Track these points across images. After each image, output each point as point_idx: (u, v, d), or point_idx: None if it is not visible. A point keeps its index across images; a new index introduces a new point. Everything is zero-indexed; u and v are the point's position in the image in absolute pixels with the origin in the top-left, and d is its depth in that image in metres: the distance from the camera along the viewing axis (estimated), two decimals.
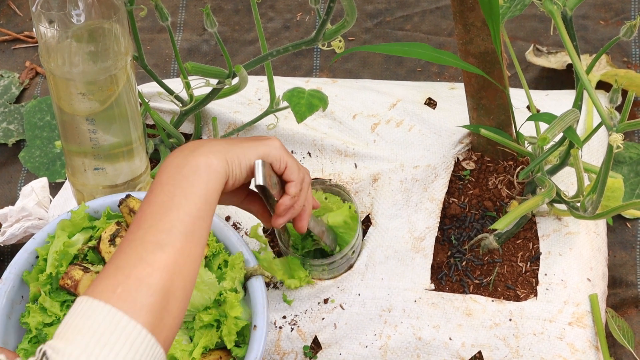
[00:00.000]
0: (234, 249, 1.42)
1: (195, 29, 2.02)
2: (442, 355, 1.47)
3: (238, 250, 1.42)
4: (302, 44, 1.41)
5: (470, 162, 1.62)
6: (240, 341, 1.40)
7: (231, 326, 1.36)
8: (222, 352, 1.40)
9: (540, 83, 1.85)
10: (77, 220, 1.42)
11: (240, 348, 1.39)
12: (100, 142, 1.43)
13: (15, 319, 1.42)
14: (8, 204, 1.81)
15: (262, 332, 1.36)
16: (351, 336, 1.50)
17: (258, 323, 1.37)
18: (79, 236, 1.42)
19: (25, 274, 1.41)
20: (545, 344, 1.45)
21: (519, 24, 1.93)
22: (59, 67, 1.34)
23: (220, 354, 1.39)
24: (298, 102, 1.42)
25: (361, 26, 1.97)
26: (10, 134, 1.92)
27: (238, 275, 1.38)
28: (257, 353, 1.35)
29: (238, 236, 1.43)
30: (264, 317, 1.37)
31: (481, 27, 1.39)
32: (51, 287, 1.40)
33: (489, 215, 1.58)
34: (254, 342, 1.36)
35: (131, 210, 1.42)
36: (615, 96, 1.25)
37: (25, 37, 2.06)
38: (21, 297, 1.42)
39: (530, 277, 1.51)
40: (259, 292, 1.39)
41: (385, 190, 1.59)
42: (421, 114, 1.65)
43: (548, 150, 1.44)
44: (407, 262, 1.53)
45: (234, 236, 1.43)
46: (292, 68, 1.94)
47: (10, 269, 1.42)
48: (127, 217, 1.42)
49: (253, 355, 1.35)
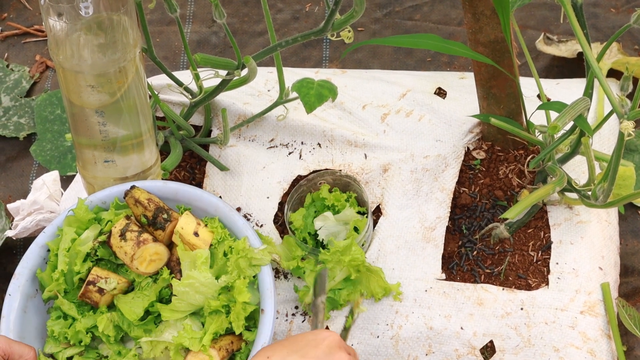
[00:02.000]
0: (240, 234, 1.43)
1: (204, 21, 2.02)
2: (454, 345, 1.47)
3: (244, 235, 1.42)
4: (311, 34, 1.41)
5: (480, 151, 1.61)
6: (251, 325, 1.40)
7: (239, 311, 1.36)
8: (233, 337, 1.40)
9: (550, 72, 1.85)
10: (82, 215, 1.43)
11: (251, 332, 1.39)
12: (110, 134, 1.43)
13: (31, 312, 1.43)
14: (20, 197, 1.82)
15: (270, 315, 1.37)
16: (363, 326, 1.50)
17: (266, 307, 1.37)
18: (88, 233, 1.42)
19: (39, 272, 1.42)
20: (557, 332, 1.45)
21: (529, 13, 1.92)
22: (68, 60, 1.34)
23: (232, 338, 1.40)
24: (307, 93, 1.42)
25: (370, 16, 1.97)
26: (21, 127, 1.92)
27: (244, 261, 1.39)
28: (266, 337, 1.35)
29: (244, 221, 1.43)
30: (272, 301, 1.38)
31: (491, 16, 1.39)
32: (66, 284, 1.41)
33: (499, 204, 1.57)
34: (263, 325, 1.36)
35: (137, 201, 1.42)
36: (627, 84, 1.24)
37: (35, 31, 2.07)
38: (35, 291, 1.43)
39: (542, 266, 1.51)
40: (267, 277, 1.39)
41: (395, 180, 1.59)
42: (431, 103, 1.65)
43: (559, 139, 1.43)
44: (418, 252, 1.53)
45: (240, 221, 1.43)
46: (301, 59, 1.93)
47: (23, 264, 1.43)
48: (134, 208, 1.43)
49: (262, 339, 1.35)
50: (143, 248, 1.38)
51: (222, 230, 1.42)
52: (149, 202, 1.42)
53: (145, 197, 1.43)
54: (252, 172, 1.64)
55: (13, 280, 1.42)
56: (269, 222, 1.59)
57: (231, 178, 1.64)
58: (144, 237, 1.39)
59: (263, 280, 1.39)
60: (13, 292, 1.41)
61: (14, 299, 1.41)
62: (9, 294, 1.41)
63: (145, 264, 1.40)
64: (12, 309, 1.40)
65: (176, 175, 1.68)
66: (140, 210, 1.42)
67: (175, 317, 1.39)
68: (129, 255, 1.39)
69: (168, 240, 1.43)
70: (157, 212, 1.42)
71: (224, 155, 1.66)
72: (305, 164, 1.63)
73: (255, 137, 1.67)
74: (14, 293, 1.41)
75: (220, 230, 1.42)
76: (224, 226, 1.44)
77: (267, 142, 1.66)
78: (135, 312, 1.39)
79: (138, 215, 1.42)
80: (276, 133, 1.66)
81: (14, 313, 1.40)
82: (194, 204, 1.46)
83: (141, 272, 1.40)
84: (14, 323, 1.40)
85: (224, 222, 1.44)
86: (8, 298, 1.40)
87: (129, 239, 1.39)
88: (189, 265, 1.39)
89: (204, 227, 1.42)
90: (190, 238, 1.40)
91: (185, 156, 1.69)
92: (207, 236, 1.41)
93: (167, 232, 1.41)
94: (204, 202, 1.45)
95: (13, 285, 1.41)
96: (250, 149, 1.66)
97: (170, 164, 1.59)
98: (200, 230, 1.41)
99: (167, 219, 1.41)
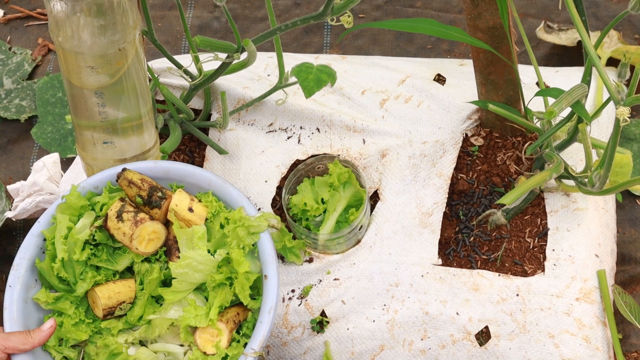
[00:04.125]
0: (235, 204, 1.44)
1: (206, 6, 2.02)
2: (449, 330, 1.48)
3: (240, 205, 1.43)
4: (311, 18, 1.41)
5: (478, 138, 1.61)
6: (255, 293, 1.41)
7: (243, 281, 1.37)
8: (238, 308, 1.41)
9: (550, 60, 1.85)
10: (74, 201, 1.43)
11: (255, 300, 1.40)
12: (109, 116, 1.43)
13: (32, 303, 1.43)
14: (21, 179, 1.83)
15: (274, 280, 1.37)
16: (359, 310, 1.51)
17: (269, 272, 1.38)
18: (84, 221, 1.42)
19: (38, 262, 1.43)
20: (553, 319, 1.46)
21: (529, 1, 1.92)
22: (68, 41, 1.35)
23: (237, 310, 1.41)
24: (306, 77, 1.42)
25: (372, 3, 1.97)
26: (22, 110, 1.93)
27: (242, 229, 1.40)
28: (272, 302, 1.36)
29: (238, 191, 1.44)
30: (274, 267, 1.38)
31: (489, 2, 1.39)
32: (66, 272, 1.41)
33: (497, 191, 1.58)
34: (268, 292, 1.37)
35: (130, 182, 1.43)
36: (624, 71, 1.25)
37: (38, 15, 2.07)
38: (35, 281, 1.44)
39: (538, 253, 1.52)
40: (266, 243, 1.40)
41: (393, 165, 1.59)
42: (430, 90, 1.65)
43: (556, 125, 1.44)
44: (415, 237, 1.54)
45: (234, 191, 1.44)
46: (302, 45, 1.94)
47: (21, 255, 1.43)
48: (127, 190, 1.43)
49: (268, 305, 1.36)
50: (141, 227, 1.39)
51: (216, 204, 1.43)
52: (142, 182, 1.43)
53: (138, 177, 1.43)
54: (250, 155, 1.64)
55: (12, 272, 1.42)
56: (267, 205, 1.60)
57: (230, 161, 1.65)
58: (141, 217, 1.40)
59: (263, 247, 1.40)
60: (13, 283, 1.41)
61: (14, 290, 1.41)
62: (9, 286, 1.41)
63: (145, 244, 1.41)
64: (13, 300, 1.41)
65: (175, 158, 1.68)
66: (135, 190, 1.42)
67: (178, 297, 1.40)
68: (127, 236, 1.39)
69: (164, 219, 1.43)
70: (151, 190, 1.42)
71: (223, 138, 1.67)
72: (303, 149, 1.64)
73: (254, 121, 1.68)
74: (14, 284, 1.41)
75: (215, 203, 1.43)
76: (218, 199, 1.44)
77: (266, 127, 1.67)
78: (134, 315, 1.41)
79: (132, 196, 1.43)
80: (275, 117, 1.67)
81: (15, 304, 1.40)
82: (187, 181, 1.46)
83: (141, 252, 1.41)
84: (17, 314, 1.40)
85: (218, 195, 1.45)
86: (9, 289, 1.41)
87: (126, 219, 1.39)
88: (186, 242, 1.40)
89: (198, 203, 1.42)
90: (185, 214, 1.40)
91: (185, 139, 1.70)
92: (202, 211, 1.42)
93: (163, 210, 1.42)
94: (196, 177, 1.46)
95: (12, 276, 1.42)
96: (250, 132, 1.67)
97: (169, 147, 1.59)
98: (194, 206, 1.41)
99: (162, 197, 1.42)
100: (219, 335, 1.37)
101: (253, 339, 1.36)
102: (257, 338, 1.35)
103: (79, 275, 1.41)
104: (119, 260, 1.43)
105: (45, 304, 1.41)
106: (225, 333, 1.37)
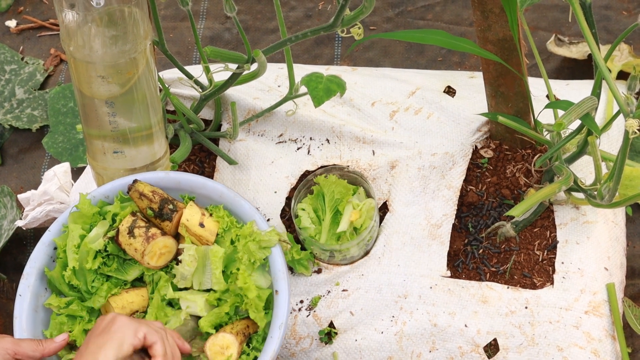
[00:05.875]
0: (247, 217, 1.44)
1: (217, 17, 2.03)
2: (458, 342, 1.47)
3: (251, 218, 1.43)
4: (321, 29, 1.42)
5: (488, 150, 1.61)
6: (264, 306, 1.41)
7: (256, 302, 1.37)
8: (248, 321, 1.41)
9: (561, 73, 1.85)
10: (86, 210, 1.44)
11: (266, 314, 1.40)
12: (120, 125, 1.44)
13: (42, 311, 1.43)
14: (32, 188, 1.83)
15: (285, 295, 1.37)
16: (367, 322, 1.51)
17: (279, 287, 1.38)
18: (97, 230, 1.43)
19: (47, 271, 1.43)
20: (561, 332, 1.45)
21: (540, 14, 1.92)
22: (79, 50, 1.36)
23: (247, 322, 1.41)
24: (316, 87, 1.43)
25: (382, 15, 1.97)
26: (34, 119, 1.94)
27: (253, 244, 1.40)
28: (282, 317, 1.36)
29: (250, 205, 1.44)
30: (285, 282, 1.38)
31: (499, 14, 1.39)
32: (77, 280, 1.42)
33: (506, 203, 1.58)
34: (278, 307, 1.37)
35: (141, 194, 1.43)
36: (634, 83, 1.24)
37: (50, 25, 2.08)
38: (44, 289, 1.44)
39: (547, 266, 1.51)
40: (278, 258, 1.40)
41: (402, 177, 1.59)
42: (440, 101, 1.66)
43: (566, 138, 1.43)
44: (424, 249, 1.53)
45: (246, 204, 1.44)
46: (313, 57, 1.94)
47: (31, 264, 1.43)
48: (139, 202, 1.43)
49: (279, 320, 1.36)
50: (153, 243, 1.39)
51: (227, 219, 1.43)
52: (154, 194, 1.43)
53: (149, 190, 1.44)
54: (260, 166, 1.65)
55: (22, 281, 1.42)
56: (276, 216, 1.60)
57: (240, 172, 1.65)
58: (153, 232, 1.40)
59: (274, 261, 1.40)
60: (23, 292, 1.42)
61: (24, 299, 1.41)
62: (20, 295, 1.41)
63: (156, 259, 1.41)
64: (23, 309, 1.41)
65: (185, 168, 1.69)
66: (146, 203, 1.43)
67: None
68: (139, 252, 1.40)
69: (175, 231, 1.44)
70: (162, 203, 1.42)
71: (233, 149, 1.67)
72: (313, 160, 1.64)
73: (264, 131, 1.68)
74: (24, 293, 1.42)
75: (227, 218, 1.43)
76: (230, 212, 1.45)
77: (276, 137, 1.67)
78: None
79: (143, 208, 1.43)
80: (285, 128, 1.67)
81: (25, 313, 1.41)
82: (198, 192, 1.47)
83: (152, 267, 1.42)
84: (27, 323, 1.41)
85: (230, 208, 1.45)
86: (19, 299, 1.41)
87: (138, 235, 1.40)
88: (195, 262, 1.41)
89: (209, 217, 1.43)
90: (197, 229, 1.41)
91: (195, 150, 1.70)
92: (213, 226, 1.42)
93: (174, 222, 1.42)
94: (207, 189, 1.46)
95: (22, 285, 1.42)
96: (259, 143, 1.67)
97: (179, 157, 1.60)
98: (205, 221, 1.42)
99: (174, 209, 1.42)
100: (229, 348, 1.37)
101: (263, 354, 1.36)
102: (268, 353, 1.36)
103: (91, 283, 1.42)
104: (129, 270, 1.44)
105: (58, 309, 1.42)
106: (235, 345, 1.37)
